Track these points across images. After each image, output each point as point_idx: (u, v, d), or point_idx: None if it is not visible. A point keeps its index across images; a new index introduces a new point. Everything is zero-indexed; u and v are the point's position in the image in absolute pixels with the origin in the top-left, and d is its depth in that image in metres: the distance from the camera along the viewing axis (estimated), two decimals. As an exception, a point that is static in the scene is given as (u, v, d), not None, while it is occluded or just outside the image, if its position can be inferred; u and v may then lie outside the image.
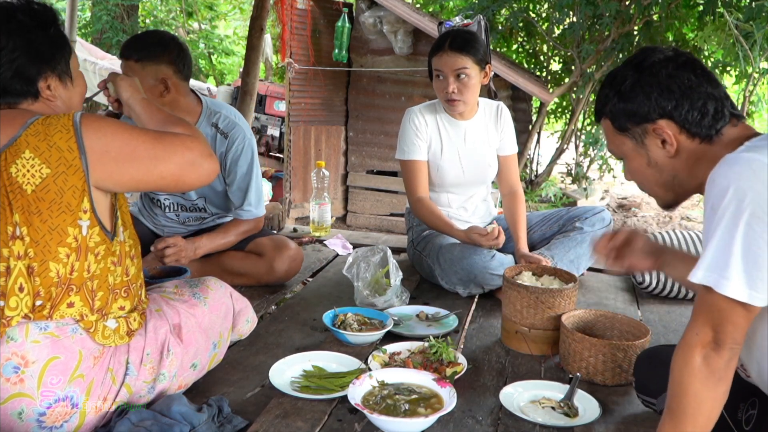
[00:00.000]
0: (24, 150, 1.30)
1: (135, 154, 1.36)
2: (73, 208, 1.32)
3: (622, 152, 1.37)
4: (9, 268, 1.29)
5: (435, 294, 2.49)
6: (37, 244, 1.30)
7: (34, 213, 1.30)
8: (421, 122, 2.59)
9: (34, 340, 1.30)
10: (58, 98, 1.46)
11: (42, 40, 1.42)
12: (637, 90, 1.28)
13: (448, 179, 2.64)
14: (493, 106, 2.70)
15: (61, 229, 1.31)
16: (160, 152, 1.38)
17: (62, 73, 1.47)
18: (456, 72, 2.44)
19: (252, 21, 4.81)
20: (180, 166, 1.39)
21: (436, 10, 7.44)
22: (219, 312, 1.68)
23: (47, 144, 1.31)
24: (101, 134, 1.34)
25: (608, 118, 1.35)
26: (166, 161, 1.38)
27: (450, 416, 1.54)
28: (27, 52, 1.39)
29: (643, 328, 1.87)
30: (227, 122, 2.39)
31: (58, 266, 1.31)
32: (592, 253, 1.64)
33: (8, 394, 1.28)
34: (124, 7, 11.02)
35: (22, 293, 1.30)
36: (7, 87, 1.40)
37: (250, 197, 2.44)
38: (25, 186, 1.29)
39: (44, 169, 1.30)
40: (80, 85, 1.54)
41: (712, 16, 5.03)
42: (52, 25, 1.44)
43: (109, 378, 1.39)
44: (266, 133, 7.09)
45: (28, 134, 1.31)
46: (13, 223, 1.30)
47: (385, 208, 6.08)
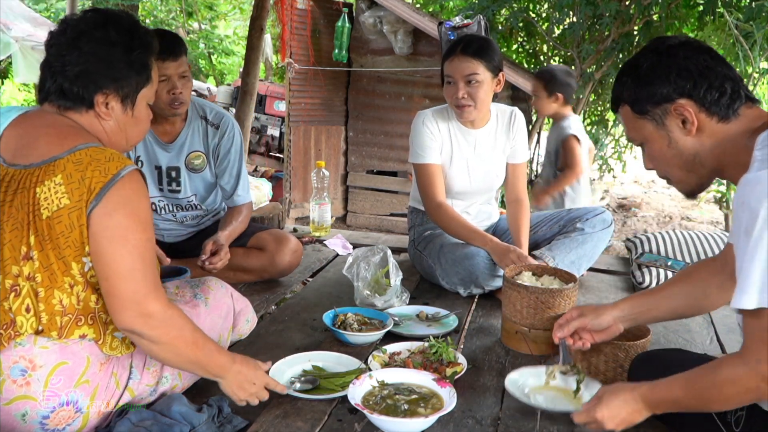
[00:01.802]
0: (58, 174, 1.29)
1: (122, 240, 1.30)
2: (78, 245, 1.30)
3: (642, 137, 1.38)
4: (19, 287, 1.29)
5: (435, 294, 2.49)
6: (45, 269, 1.29)
7: (46, 239, 1.29)
8: (434, 126, 2.54)
9: (43, 346, 1.30)
10: (112, 119, 1.43)
11: (120, 58, 1.40)
12: (656, 71, 1.31)
13: (455, 187, 2.61)
14: (507, 113, 2.64)
15: (67, 261, 1.30)
16: (137, 266, 1.30)
17: (126, 97, 1.43)
18: (467, 77, 2.40)
19: (252, 21, 4.82)
20: (129, 291, 1.30)
21: (436, 10, 7.44)
22: (220, 312, 1.68)
23: (81, 176, 1.28)
24: (123, 200, 1.31)
25: (627, 103, 1.37)
26: (130, 276, 1.30)
27: (450, 416, 1.54)
28: (99, 62, 1.38)
29: (643, 327, 1.86)
30: (214, 113, 2.50)
31: (62, 295, 1.31)
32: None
33: (13, 396, 1.28)
34: (124, 7, 11.02)
35: (29, 314, 1.30)
36: (66, 88, 1.38)
37: (241, 183, 2.54)
38: (42, 210, 1.28)
39: (65, 199, 1.28)
40: (143, 121, 1.51)
41: (712, 16, 5.03)
42: (138, 50, 1.42)
43: (113, 382, 1.39)
44: (266, 133, 7.09)
45: (70, 159, 1.30)
46: (28, 244, 1.29)
47: (385, 208, 6.08)
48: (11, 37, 6.94)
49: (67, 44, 1.37)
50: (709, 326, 2.30)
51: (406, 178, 5.92)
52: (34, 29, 7.35)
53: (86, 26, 1.38)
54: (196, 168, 2.48)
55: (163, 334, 1.33)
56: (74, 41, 1.37)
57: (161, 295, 1.34)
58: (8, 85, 12.19)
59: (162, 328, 1.32)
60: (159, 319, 1.31)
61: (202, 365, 1.42)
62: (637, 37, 5.67)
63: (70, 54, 1.36)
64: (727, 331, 2.25)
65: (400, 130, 5.76)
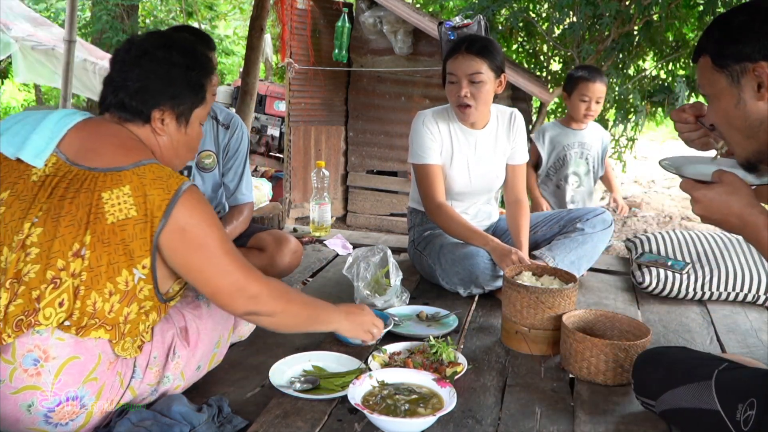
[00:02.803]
0: (126, 185, 1.35)
1: (203, 247, 1.40)
2: (135, 258, 1.35)
3: (713, 91, 1.37)
4: (60, 280, 1.32)
5: (435, 294, 2.49)
6: (91, 270, 1.33)
7: (103, 242, 1.34)
8: (434, 127, 2.54)
9: (59, 337, 1.31)
10: (166, 135, 1.52)
11: (180, 78, 1.49)
12: (748, 29, 1.29)
13: (455, 188, 2.60)
14: (506, 114, 2.64)
15: (117, 267, 1.35)
16: (223, 262, 1.41)
17: (181, 115, 1.52)
18: (470, 76, 2.39)
19: (252, 21, 4.81)
20: (229, 285, 1.42)
21: (436, 10, 7.44)
22: (222, 312, 1.68)
23: (146, 192, 1.36)
24: (190, 212, 1.39)
25: (709, 54, 1.35)
26: (222, 272, 1.41)
27: (450, 416, 1.54)
28: (158, 79, 1.47)
29: (643, 327, 1.87)
30: (224, 114, 2.55)
31: (98, 298, 1.33)
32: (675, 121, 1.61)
33: (23, 385, 1.29)
34: (124, 7, 11.02)
35: (61, 308, 1.31)
36: (126, 101, 1.46)
37: (244, 182, 2.58)
38: (107, 215, 1.34)
39: (132, 211, 1.35)
40: (194, 140, 1.59)
41: (712, 16, 5.04)
42: (196, 70, 1.51)
43: (118, 381, 1.40)
44: (266, 133, 7.09)
45: (135, 173, 1.37)
46: (81, 242, 1.33)
47: (385, 208, 6.08)
48: (11, 37, 6.94)
49: (130, 61, 1.46)
50: (709, 326, 2.30)
51: (406, 178, 5.92)
52: (34, 29, 7.35)
53: (150, 46, 1.48)
54: (207, 167, 2.52)
55: (276, 306, 1.48)
56: (137, 59, 1.46)
57: (257, 274, 1.46)
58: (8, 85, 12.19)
59: (272, 300, 1.47)
60: (266, 295, 1.46)
61: (318, 319, 1.60)
62: (637, 37, 5.67)
63: (132, 71, 1.45)
64: (727, 331, 2.25)
65: (400, 130, 5.75)
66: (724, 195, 1.31)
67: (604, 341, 1.75)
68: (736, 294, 2.51)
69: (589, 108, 3.21)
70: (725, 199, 1.31)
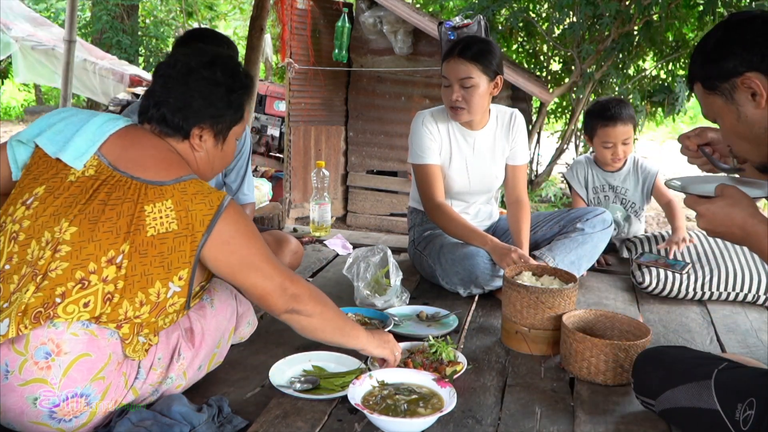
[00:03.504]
0: (168, 198, 1.40)
1: (247, 259, 1.46)
2: (172, 269, 1.39)
3: (714, 113, 1.40)
4: (89, 282, 1.33)
5: (435, 294, 2.49)
6: (126, 279, 1.36)
7: (141, 253, 1.37)
8: (433, 127, 2.54)
9: (74, 332, 1.32)
10: (204, 150, 1.55)
11: (222, 98, 1.52)
12: (723, 46, 1.32)
13: (454, 188, 2.61)
14: (506, 114, 2.64)
15: (152, 279, 1.38)
16: (266, 268, 1.47)
17: (219, 133, 1.56)
18: (461, 81, 2.40)
19: (252, 21, 4.80)
20: (274, 286, 1.48)
21: (436, 10, 7.44)
22: (225, 313, 1.68)
23: (188, 206, 1.40)
24: (233, 226, 1.44)
25: (699, 80, 1.39)
26: (268, 275, 1.47)
27: (450, 416, 1.54)
28: (202, 99, 1.50)
29: (643, 327, 1.87)
30: None
31: (129, 307, 1.37)
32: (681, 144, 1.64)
33: (32, 377, 1.30)
34: (124, 7, 11.03)
35: (86, 309, 1.33)
36: (168, 117, 1.49)
37: (246, 182, 2.61)
38: (148, 227, 1.37)
39: (173, 224, 1.39)
40: (229, 155, 1.63)
41: (712, 16, 5.04)
42: (238, 91, 1.55)
43: (123, 382, 1.40)
44: (266, 133, 7.09)
45: (176, 188, 1.41)
46: (119, 251, 1.36)
47: (385, 208, 6.08)
48: (11, 37, 6.95)
49: (175, 78, 1.49)
50: (709, 326, 2.30)
51: (406, 178, 5.92)
52: (34, 29, 7.35)
53: (195, 64, 1.50)
54: None
55: (315, 307, 1.52)
56: (183, 77, 1.49)
57: (296, 276, 1.52)
58: (8, 85, 12.19)
59: (312, 301, 1.52)
60: (307, 296, 1.51)
61: (348, 332, 1.61)
62: (637, 37, 5.67)
63: (176, 88, 1.49)
64: (727, 331, 2.25)
65: (400, 130, 5.76)
66: (727, 207, 1.34)
67: (604, 341, 1.75)
68: (736, 294, 2.51)
69: (616, 153, 2.85)
70: (728, 211, 1.33)
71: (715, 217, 1.35)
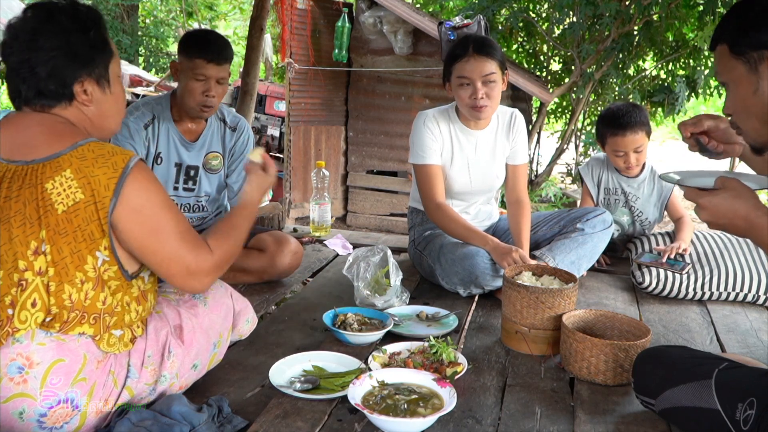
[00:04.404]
0: (66, 169, 1.31)
1: (157, 231, 1.38)
2: (95, 239, 1.33)
3: (730, 78, 1.38)
4: (26, 281, 1.30)
5: (435, 294, 2.49)
6: (56, 264, 1.32)
7: (60, 233, 1.31)
8: (435, 127, 2.54)
9: (40, 342, 1.31)
10: (94, 103, 1.45)
11: (81, 42, 1.40)
12: (765, 17, 1.30)
13: (455, 188, 2.61)
14: (507, 114, 2.64)
15: (82, 255, 1.33)
16: (175, 247, 1.41)
17: (100, 77, 1.45)
18: (485, 78, 2.39)
19: (252, 21, 4.81)
20: (180, 270, 1.43)
21: (436, 10, 7.43)
22: (219, 312, 1.68)
23: (89, 172, 1.32)
24: (143, 193, 1.36)
25: (727, 42, 1.36)
26: (175, 256, 1.41)
27: (450, 416, 1.54)
28: (65, 53, 1.38)
29: (643, 327, 1.87)
30: (232, 116, 2.59)
31: (72, 290, 1.33)
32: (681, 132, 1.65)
33: (10, 394, 1.29)
34: (124, 7, 11.02)
35: (35, 308, 1.31)
36: (42, 88, 1.38)
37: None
38: (56, 205, 1.31)
39: (79, 193, 1.32)
40: (119, 91, 1.51)
41: (712, 16, 5.03)
42: (93, 29, 1.42)
43: (111, 380, 1.39)
44: (266, 133, 7.09)
45: (74, 155, 1.33)
46: (39, 239, 1.31)
47: (385, 208, 6.07)
48: (11, 37, 6.92)
49: (26, 48, 1.36)
50: (709, 326, 2.30)
51: (406, 178, 5.92)
52: (34, 29, 7.34)
53: (37, 23, 1.37)
54: (213, 168, 2.55)
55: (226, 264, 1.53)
56: (32, 42, 1.36)
57: (206, 254, 1.46)
58: (8, 85, 12.16)
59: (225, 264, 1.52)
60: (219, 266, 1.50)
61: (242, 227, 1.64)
62: (637, 37, 5.67)
63: (33, 56, 1.36)
64: (727, 331, 2.25)
65: (400, 130, 5.76)
66: (730, 199, 1.33)
67: (604, 341, 1.75)
68: (736, 294, 2.51)
69: (628, 161, 2.79)
70: (731, 203, 1.33)
71: (718, 208, 1.34)
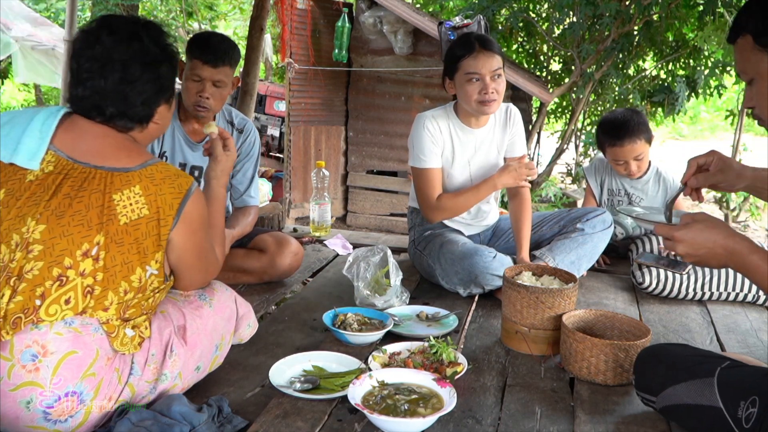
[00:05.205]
0: (135, 185, 1.39)
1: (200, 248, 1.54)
2: (148, 254, 1.40)
3: (755, 71, 1.35)
4: (67, 278, 1.33)
5: (435, 294, 2.49)
6: (107, 270, 1.36)
7: (116, 242, 1.37)
8: (435, 129, 2.54)
9: (57, 332, 1.32)
10: (161, 120, 1.54)
11: (169, 74, 1.50)
12: None
13: (456, 186, 2.61)
14: (502, 109, 2.65)
15: (132, 266, 1.39)
16: (204, 262, 1.58)
17: (170, 98, 1.54)
18: (493, 72, 2.41)
19: (252, 21, 4.82)
20: (201, 280, 1.63)
21: (436, 10, 7.43)
22: (223, 314, 1.68)
23: (157, 190, 1.41)
24: (200, 214, 1.49)
25: (751, 33, 1.33)
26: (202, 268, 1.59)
27: (450, 416, 1.54)
28: (155, 85, 1.47)
29: (643, 327, 1.87)
30: (239, 118, 2.60)
31: (114, 297, 1.37)
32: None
33: (21, 381, 1.29)
34: (124, 7, 11.01)
35: (67, 306, 1.33)
36: (129, 113, 1.45)
37: (253, 185, 2.62)
38: (120, 216, 1.37)
39: (144, 209, 1.39)
40: (173, 107, 1.60)
41: (712, 16, 5.03)
42: (175, 56, 1.52)
43: (116, 378, 1.40)
44: (266, 133, 7.10)
45: (144, 174, 1.41)
46: (92, 243, 1.35)
47: (385, 208, 6.07)
48: (11, 37, 6.94)
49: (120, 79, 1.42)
50: (709, 326, 2.30)
51: (406, 178, 5.92)
52: (34, 29, 7.35)
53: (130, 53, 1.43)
54: None
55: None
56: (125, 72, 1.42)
57: (216, 263, 1.64)
58: (8, 85, 12.18)
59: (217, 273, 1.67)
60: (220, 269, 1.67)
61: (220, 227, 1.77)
62: (637, 37, 5.66)
63: (129, 88, 1.43)
64: (727, 331, 2.25)
65: (400, 130, 5.76)
66: (706, 231, 1.36)
67: (604, 341, 1.75)
68: (736, 294, 2.51)
69: (628, 169, 2.80)
70: (707, 234, 1.36)
71: (696, 240, 1.36)
